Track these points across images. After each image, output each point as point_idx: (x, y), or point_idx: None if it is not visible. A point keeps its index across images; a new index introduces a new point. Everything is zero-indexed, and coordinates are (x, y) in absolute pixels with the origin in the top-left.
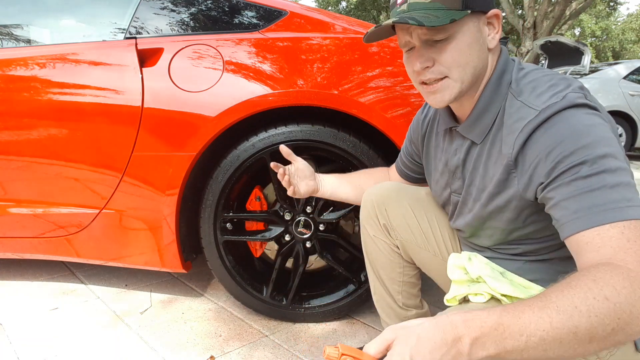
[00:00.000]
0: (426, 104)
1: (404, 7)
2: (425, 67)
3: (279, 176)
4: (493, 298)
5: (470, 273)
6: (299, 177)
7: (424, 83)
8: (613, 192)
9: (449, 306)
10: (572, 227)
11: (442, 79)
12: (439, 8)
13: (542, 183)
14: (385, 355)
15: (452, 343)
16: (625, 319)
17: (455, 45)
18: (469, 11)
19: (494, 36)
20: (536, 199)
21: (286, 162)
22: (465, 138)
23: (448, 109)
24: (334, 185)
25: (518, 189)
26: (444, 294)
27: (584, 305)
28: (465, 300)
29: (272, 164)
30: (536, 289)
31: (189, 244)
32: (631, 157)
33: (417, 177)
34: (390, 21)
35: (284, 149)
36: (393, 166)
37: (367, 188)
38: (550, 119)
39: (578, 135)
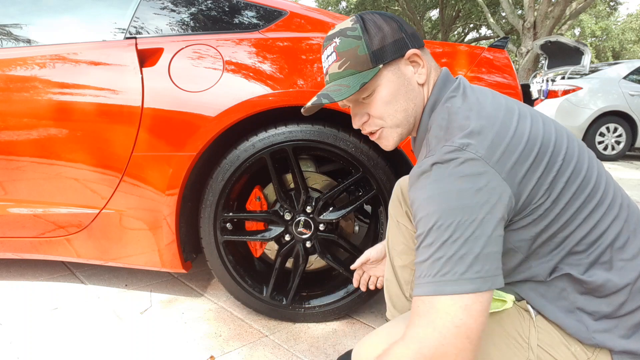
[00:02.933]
0: None
1: (327, 78)
2: (363, 123)
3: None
4: None
5: None
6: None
7: (370, 133)
8: (427, 267)
9: None
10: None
11: (379, 129)
12: (352, 74)
13: None
14: None
15: None
16: None
17: (380, 98)
18: (381, 66)
19: (420, 71)
20: None
21: (282, 162)
22: None
23: None
24: None
25: None
26: None
27: None
28: None
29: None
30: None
31: (189, 244)
32: (631, 157)
33: None
34: (309, 103)
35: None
36: None
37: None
38: (424, 175)
39: (428, 202)
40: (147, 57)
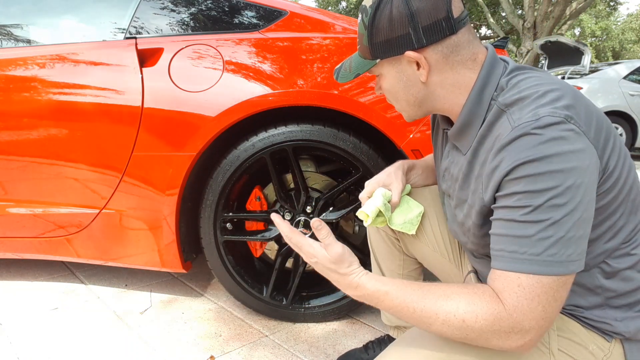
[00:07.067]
0: None
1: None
2: (380, 94)
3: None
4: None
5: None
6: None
7: None
8: (537, 245)
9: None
10: (493, 262)
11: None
12: (359, 56)
13: (493, 199)
14: None
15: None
16: (472, 338)
17: (383, 83)
18: (378, 60)
19: (421, 72)
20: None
21: (282, 162)
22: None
23: None
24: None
25: (484, 203)
26: None
27: (443, 315)
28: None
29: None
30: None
31: (189, 244)
32: (631, 157)
33: None
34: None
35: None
36: None
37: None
38: (516, 140)
39: (533, 166)
40: (147, 57)
